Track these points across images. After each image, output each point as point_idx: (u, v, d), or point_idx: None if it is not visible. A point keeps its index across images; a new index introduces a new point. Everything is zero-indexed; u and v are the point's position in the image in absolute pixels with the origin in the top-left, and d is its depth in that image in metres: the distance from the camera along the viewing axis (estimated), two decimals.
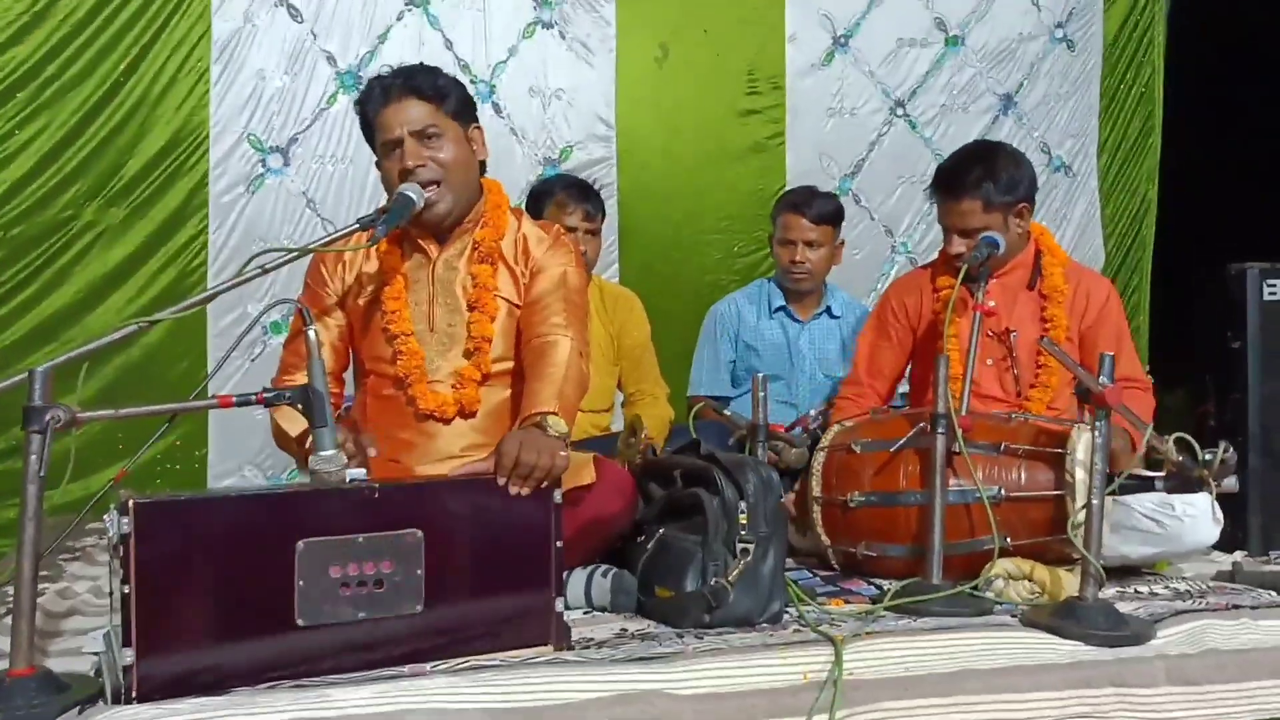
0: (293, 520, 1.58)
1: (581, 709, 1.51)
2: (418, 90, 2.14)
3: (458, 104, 2.19)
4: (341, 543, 1.59)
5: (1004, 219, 2.61)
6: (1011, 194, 2.60)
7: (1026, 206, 2.64)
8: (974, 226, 2.61)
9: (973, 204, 2.60)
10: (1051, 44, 4.61)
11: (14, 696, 1.45)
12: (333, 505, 1.62)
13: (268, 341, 3.81)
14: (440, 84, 2.18)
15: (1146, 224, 4.74)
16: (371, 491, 1.63)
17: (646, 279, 3.95)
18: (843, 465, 2.36)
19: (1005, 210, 2.61)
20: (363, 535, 1.61)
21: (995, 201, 2.59)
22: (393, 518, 1.63)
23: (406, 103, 2.14)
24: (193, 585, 1.52)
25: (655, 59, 4.24)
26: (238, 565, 1.55)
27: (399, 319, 2.20)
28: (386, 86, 2.16)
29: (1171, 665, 1.74)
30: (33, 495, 1.49)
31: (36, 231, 3.61)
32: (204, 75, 3.75)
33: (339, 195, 3.89)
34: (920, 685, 1.65)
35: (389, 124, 2.14)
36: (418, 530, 1.64)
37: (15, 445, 3.51)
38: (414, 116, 2.13)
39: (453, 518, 1.69)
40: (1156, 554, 2.27)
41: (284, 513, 1.59)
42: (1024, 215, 2.64)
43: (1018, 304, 2.68)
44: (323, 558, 1.58)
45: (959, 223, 2.64)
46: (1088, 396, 1.93)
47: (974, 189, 2.60)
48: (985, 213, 2.60)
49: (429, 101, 2.15)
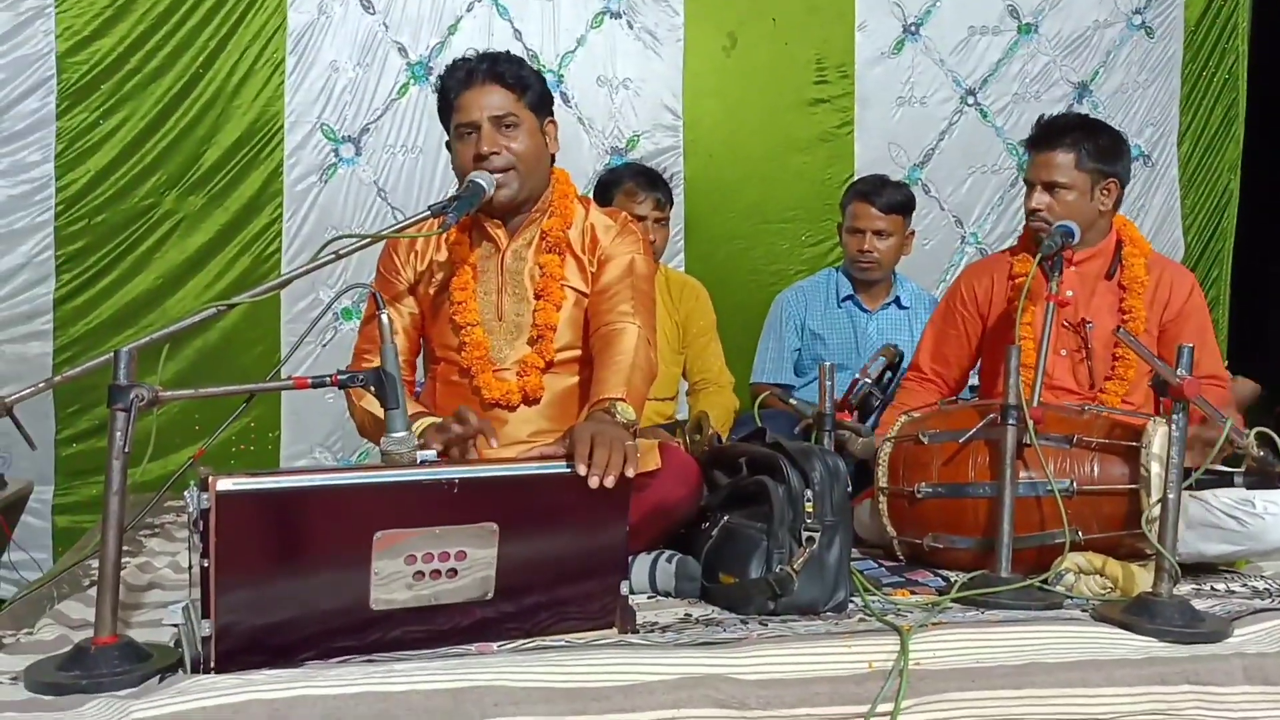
0: (371, 509, 1.58)
1: (646, 691, 1.52)
2: (501, 77, 2.16)
3: (537, 96, 2.21)
4: (418, 534, 1.59)
5: (1091, 186, 2.56)
6: (1105, 162, 2.56)
7: (1116, 183, 2.58)
8: (1060, 181, 2.55)
9: (1066, 157, 2.55)
10: (1129, 30, 4.50)
11: (99, 664, 1.50)
12: (412, 497, 1.61)
13: (339, 327, 3.89)
14: (523, 74, 2.20)
15: (1228, 215, 4.61)
16: (451, 486, 1.62)
17: (712, 268, 3.95)
18: (910, 456, 2.33)
19: (1095, 177, 2.56)
20: (439, 527, 1.61)
21: (1087, 163, 2.55)
22: (469, 511, 1.63)
23: (489, 88, 2.16)
24: (269, 562, 1.55)
25: (723, 48, 4.23)
26: (314, 548, 1.57)
27: (465, 309, 2.22)
28: (471, 70, 2.17)
29: (1250, 664, 1.69)
30: (117, 471, 1.53)
31: (119, 219, 3.74)
32: (279, 67, 3.83)
33: (409, 184, 3.95)
34: (988, 677, 1.62)
35: (468, 107, 2.16)
36: (493, 524, 1.64)
37: (99, 424, 3.63)
38: (494, 103, 2.15)
39: (527, 510, 1.68)
40: (1236, 552, 2.20)
41: (363, 503, 1.58)
42: (1111, 192, 2.58)
43: (1095, 294, 2.62)
44: (399, 547, 1.58)
45: (1045, 175, 2.57)
46: (1165, 389, 1.88)
47: (1070, 144, 2.56)
48: (1076, 169, 2.55)
49: (511, 90, 2.17)
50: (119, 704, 1.40)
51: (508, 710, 1.46)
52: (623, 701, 1.50)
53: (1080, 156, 2.55)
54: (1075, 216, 2.54)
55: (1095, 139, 2.57)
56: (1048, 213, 2.57)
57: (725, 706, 1.52)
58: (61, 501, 3.71)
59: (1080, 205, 2.56)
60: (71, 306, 3.70)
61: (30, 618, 1.81)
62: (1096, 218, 2.59)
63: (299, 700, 1.42)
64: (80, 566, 2.13)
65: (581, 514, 1.72)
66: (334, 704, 1.43)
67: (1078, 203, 2.56)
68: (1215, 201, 4.61)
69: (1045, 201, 2.57)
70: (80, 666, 1.50)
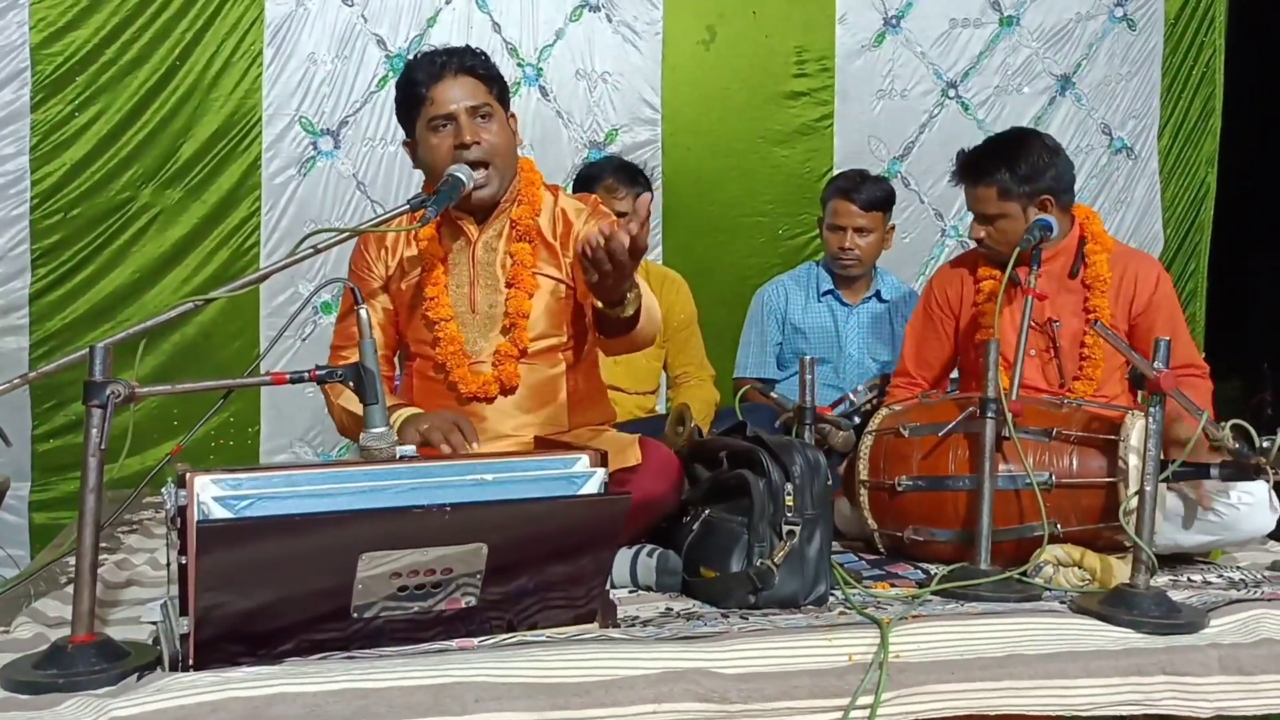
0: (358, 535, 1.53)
1: (627, 685, 1.52)
2: (472, 70, 2.17)
3: (502, 89, 2.24)
4: (406, 554, 1.55)
5: (1023, 209, 2.59)
6: (1030, 184, 2.57)
7: (1050, 199, 2.59)
8: (990, 213, 2.61)
9: (988, 191, 2.61)
10: (1111, 23, 4.52)
11: (76, 662, 1.48)
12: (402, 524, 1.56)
13: (318, 321, 3.87)
14: (491, 67, 2.22)
15: (1205, 208, 4.64)
16: (443, 513, 1.57)
17: (691, 262, 3.94)
18: (891, 449, 2.34)
19: (1023, 200, 2.58)
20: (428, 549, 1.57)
21: (1012, 190, 2.58)
22: (460, 534, 1.59)
23: (462, 79, 2.16)
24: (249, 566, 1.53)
25: (702, 41, 4.22)
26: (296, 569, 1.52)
27: (438, 305, 2.22)
28: (441, 63, 2.18)
29: (1225, 654, 1.71)
30: (93, 468, 1.52)
31: (95, 213, 3.70)
32: (257, 59, 3.80)
33: (388, 177, 3.93)
34: (967, 669, 1.63)
35: (442, 99, 2.15)
36: (483, 545, 1.60)
37: (76, 420, 3.60)
38: (469, 94, 2.15)
39: (519, 533, 1.65)
40: (1212, 542, 2.23)
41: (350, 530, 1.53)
42: (1048, 208, 2.59)
43: (1060, 294, 2.63)
44: (385, 566, 1.56)
45: (978, 207, 2.66)
46: (1142, 382, 1.89)
47: (988, 176, 2.60)
48: (1001, 200, 2.59)
49: (482, 81, 2.17)
50: (97, 703, 1.39)
51: (489, 706, 1.46)
52: (604, 696, 1.50)
53: (1000, 188, 2.59)
54: (1017, 238, 2.57)
55: (1013, 166, 2.58)
56: (990, 240, 2.65)
57: (706, 700, 1.53)
58: (38, 498, 3.68)
59: (1019, 228, 2.59)
60: (47, 301, 3.67)
61: (6, 616, 1.79)
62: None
63: (278, 697, 1.41)
64: (57, 564, 2.11)
65: (574, 536, 1.69)
66: (313, 700, 1.42)
67: (1015, 226, 2.60)
68: (1193, 195, 4.64)
69: (985, 231, 2.65)
70: (57, 665, 1.48)
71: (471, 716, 1.45)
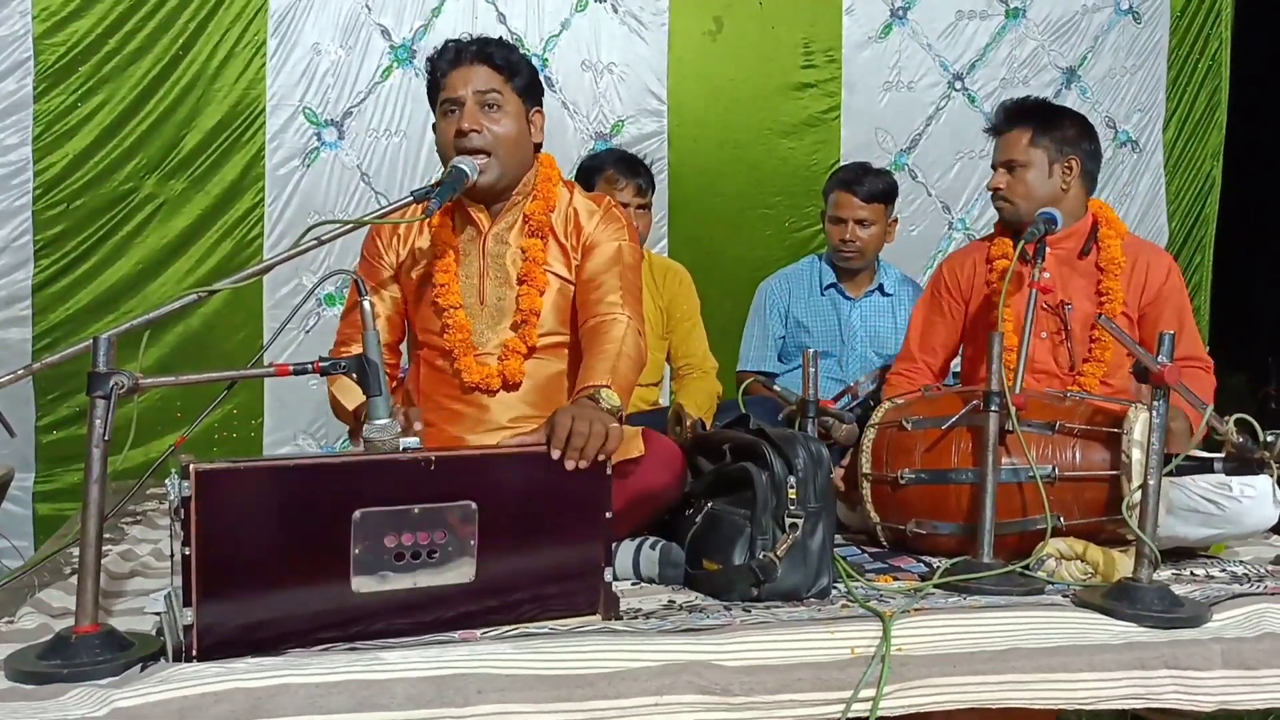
0: (350, 490, 1.60)
1: (629, 677, 1.52)
2: (489, 58, 2.17)
3: (525, 83, 2.21)
4: (397, 513, 1.61)
5: (1048, 163, 2.59)
6: (1060, 141, 2.60)
7: (1076, 161, 2.60)
8: (1016, 159, 2.61)
9: (1021, 134, 2.62)
10: (1117, 15, 4.51)
11: (80, 652, 1.49)
12: (389, 476, 1.63)
13: (322, 313, 3.87)
14: (513, 59, 2.20)
15: (1210, 202, 4.63)
16: (428, 464, 1.64)
17: (696, 254, 3.94)
18: (893, 442, 2.34)
19: (1050, 154, 2.59)
20: (418, 506, 1.62)
21: (1040, 140, 2.59)
22: (448, 489, 1.64)
23: (476, 67, 2.16)
24: (250, 549, 1.55)
25: (708, 32, 4.21)
26: (295, 531, 1.57)
27: (447, 292, 2.21)
28: (461, 49, 2.18)
29: (1228, 648, 1.71)
30: (97, 459, 1.52)
31: (98, 203, 3.70)
32: (260, 49, 3.80)
33: (392, 168, 3.93)
34: (970, 662, 1.63)
35: (454, 84, 2.16)
36: (471, 502, 1.65)
37: (80, 411, 3.61)
38: (480, 81, 2.15)
39: (506, 490, 1.70)
40: (1214, 535, 2.22)
41: (341, 482, 1.60)
42: (1072, 170, 2.60)
43: (1073, 277, 2.63)
44: (378, 527, 1.60)
45: (1002, 154, 2.66)
46: (1146, 375, 1.89)
47: (1026, 119, 2.62)
48: (1030, 146, 2.60)
49: (498, 71, 2.17)
50: (100, 693, 1.39)
51: (491, 698, 1.46)
52: (606, 688, 1.51)
53: (1033, 134, 2.61)
54: (1035, 194, 2.59)
55: (1048, 120, 2.63)
56: (1008, 190, 2.64)
57: (708, 693, 1.53)
58: (42, 489, 3.69)
59: (1039, 183, 2.60)
60: (50, 292, 3.67)
61: (11, 606, 1.80)
62: (1060, 196, 2.61)
63: (281, 689, 1.42)
64: (61, 554, 2.12)
65: (562, 495, 1.73)
66: (316, 692, 1.42)
67: (1036, 180, 2.60)
68: (1198, 188, 4.63)
69: (1005, 180, 2.64)
70: (61, 655, 1.49)
71: (474, 708, 1.45)
